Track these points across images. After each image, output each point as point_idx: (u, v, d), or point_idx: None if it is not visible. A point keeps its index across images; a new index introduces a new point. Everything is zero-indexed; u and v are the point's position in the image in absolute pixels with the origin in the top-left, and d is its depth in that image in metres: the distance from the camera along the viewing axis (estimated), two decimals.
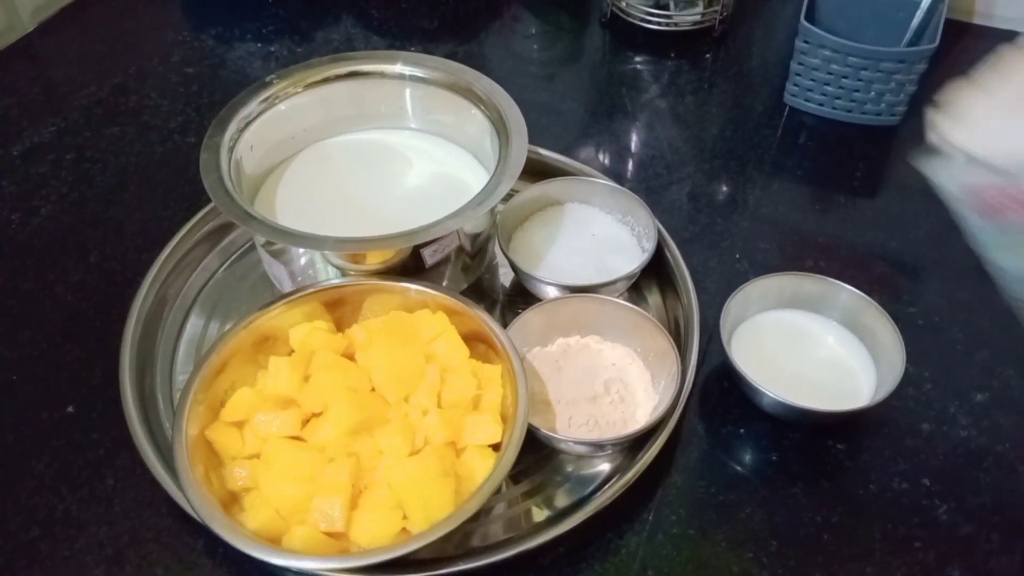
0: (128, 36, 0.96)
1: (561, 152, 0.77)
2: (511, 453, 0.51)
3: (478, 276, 0.69)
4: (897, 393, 0.58)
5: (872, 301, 0.62)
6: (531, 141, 0.64)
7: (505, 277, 0.71)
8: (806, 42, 0.80)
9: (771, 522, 0.57)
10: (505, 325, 0.60)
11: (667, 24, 0.94)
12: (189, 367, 0.63)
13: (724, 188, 0.80)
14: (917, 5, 0.80)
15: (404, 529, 0.50)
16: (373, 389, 0.55)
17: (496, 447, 0.53)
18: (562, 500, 0.58)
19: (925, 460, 0.60)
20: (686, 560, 0.55)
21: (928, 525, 0.56)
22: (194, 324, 0.67)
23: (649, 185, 0.79)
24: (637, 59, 0.95)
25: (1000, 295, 0.71)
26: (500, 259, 0.71)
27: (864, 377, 0.61)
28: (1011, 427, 0.61)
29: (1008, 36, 0.93)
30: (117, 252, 0.72)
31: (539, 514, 0.57)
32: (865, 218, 0.77)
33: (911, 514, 0.57)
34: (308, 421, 0.54)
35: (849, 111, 0.83)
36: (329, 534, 0.49)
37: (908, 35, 0.81)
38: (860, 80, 0.80)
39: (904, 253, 0.73)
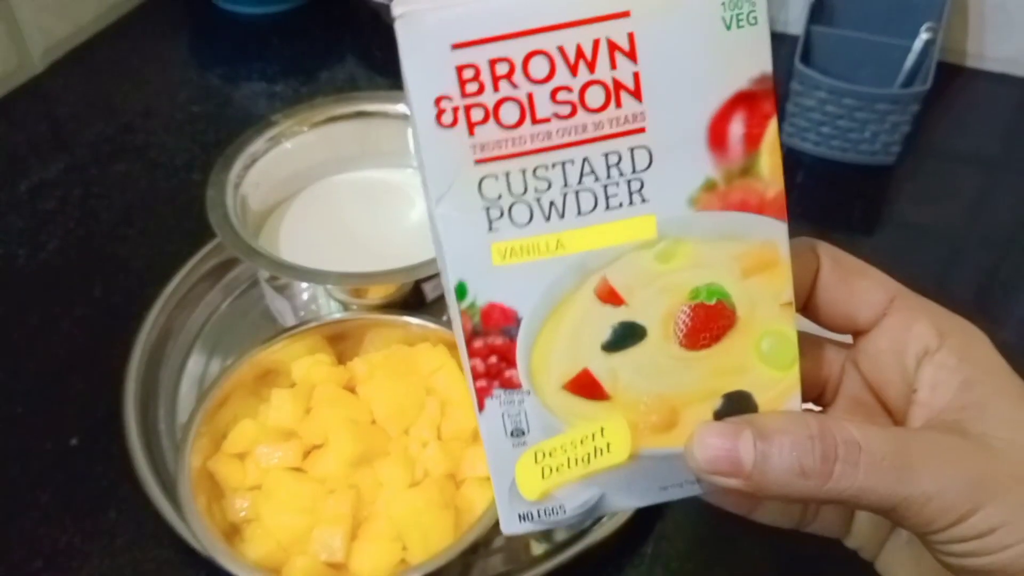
0: (135, 75, 0.98)
1: None
2: None
3: None
4: None
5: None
6: None
7: None
8: (801, 84, 0.82)
9: (772, 554, 0.57)
10: None
11: None
12: (192, 400, 0.63)
13: None
14: (910, 48, 0.81)
15: (403, 560, 0.50)
16: (374, 421, 0.55)
17: None
18: (561, 532, 0.58)
19: None
20: None
21: None
22: (197, 358, 0.68)
23: None
24: None
25: (997, 331, 0.72)
26: None
27: None
28: None
29: (1000, 78, 0.96)
30: (122, 287, 0.73)
31: (538, 547, 0.58)
32: (862, 256, 0.76)
33: None
34: (309, 453, 0.55)
35: (845, 151, 0.85)
36: (329, 565, 0.50)
37: (901, 77, 0.82)
38: (855, 121, 0.82)
39: None
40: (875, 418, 0.31)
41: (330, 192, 0.72)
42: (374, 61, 1.01)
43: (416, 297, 0.62)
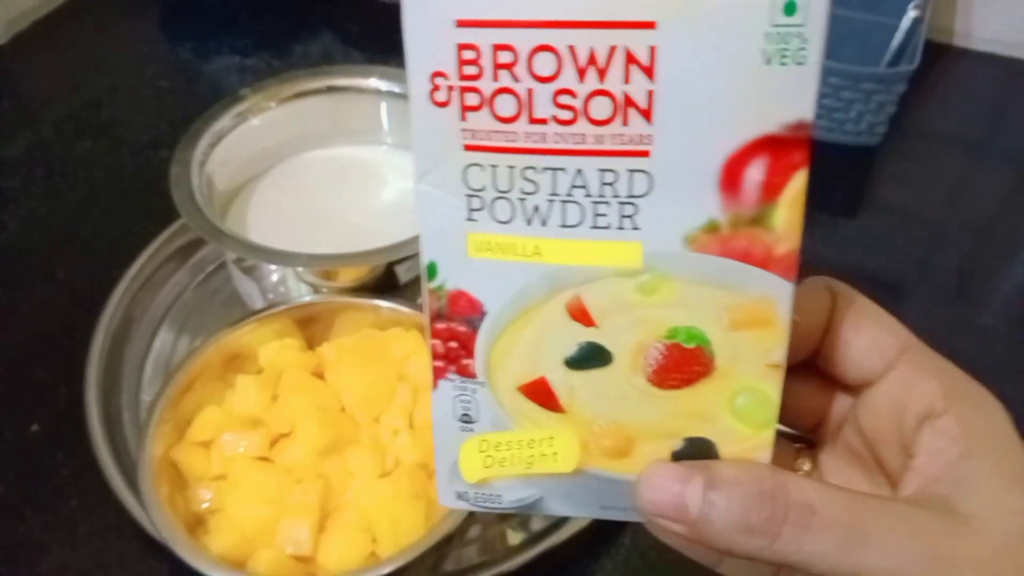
0: (102, 50, 0.95)
1: None
2: None
3: None
4: None
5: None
6: None
7: None
8: None
9: None
10: None
11: None
12: (157, 386, 0.61)
13: None
14: (897, 26, 0.80)
15: (373, 553, 0.49)
16: (343, 409, 0.54)
17: None
18: (538, 522, 0.57)
19: None
20: None
21: None
22: (163, 342, 0.65)
23: None
24: None
25: (979, 315, 0.71)
26: None
27: None
28: None
29: (988, 58, 0.95)
30: (85, 269, 0.71)
31: (514, 537, 0.56)
32: (845, 238, 0.76)
33: None
34: (276, 441, 0.53)
35: (830, 131, 0.83)
36: (296, 558, 0.48)
37: (888, 56, 0.81)
38: (840, 100, 0.80)
39: (884, 273, 0.73)
40: (869, 473, 0.29)
41: (301, 170, 0.69)
42: (349, 35, 0.98)
43: (389, 280, 0.60)
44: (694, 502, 0.25)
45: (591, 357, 0.27)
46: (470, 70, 0.24)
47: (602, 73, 0.23)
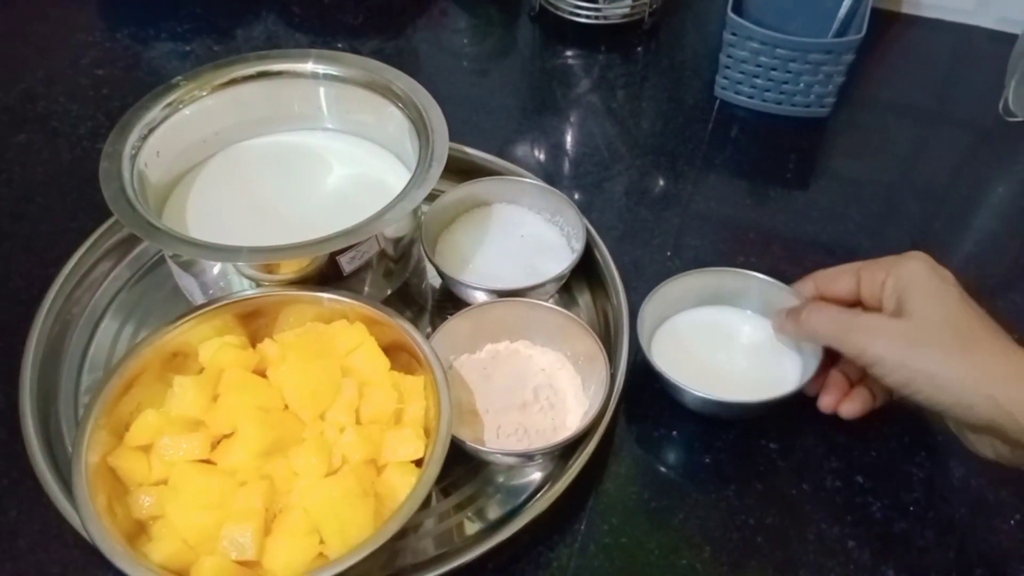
0: (36, 39, 0.92)
1: (492, 149, 0.74)
2: (433, 469, 0.49)
3: (404, 280, 0.66)
4: None
5: (786, 287, 0.60)
6: (461, 138, 0.61)
7: (434, 280, 0.69)
8: (734, 34, 0.79)
9: (704, 527, 0.55)
10: (434, 330, 0.58)
11: (596, 17, 0.92)
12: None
13: (656, 184, 0.78)
14: None
15: (321, 554, 0.47)
16: (286, 407, 0.52)
17: (419, 463, 0.51)
18: (494, 511, 0.56)
19: (858, 457, 0.59)
20: (618, 570, 0.54)
21: (862, 523, 0.56)
22: (102, 341, 0.64)
23: (580, 182, 0.77)
24: (568, 53, 0.93)
25: None
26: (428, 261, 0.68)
27: (790, 364, 0.60)
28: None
29: (936, 25, 0.94)
30: (22, 268, 0.68)
31: (470, 527, 0.56)
32: (798, 210, 0.76)
33: (845, 513, 0.56)
34: (218, 443, 0.51)
35: (779, 103, 0.82)
36: (241, 563, 0.47)
37: (835, 25, 0.80)
38: (789, 72, 0.79)
39: (836, 245, 0.73)
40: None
41: (239, 159, 0.67)
42: (292, 17, 0.96)
43: (333, 270, 0.58)
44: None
45: None
46: None
47: None
